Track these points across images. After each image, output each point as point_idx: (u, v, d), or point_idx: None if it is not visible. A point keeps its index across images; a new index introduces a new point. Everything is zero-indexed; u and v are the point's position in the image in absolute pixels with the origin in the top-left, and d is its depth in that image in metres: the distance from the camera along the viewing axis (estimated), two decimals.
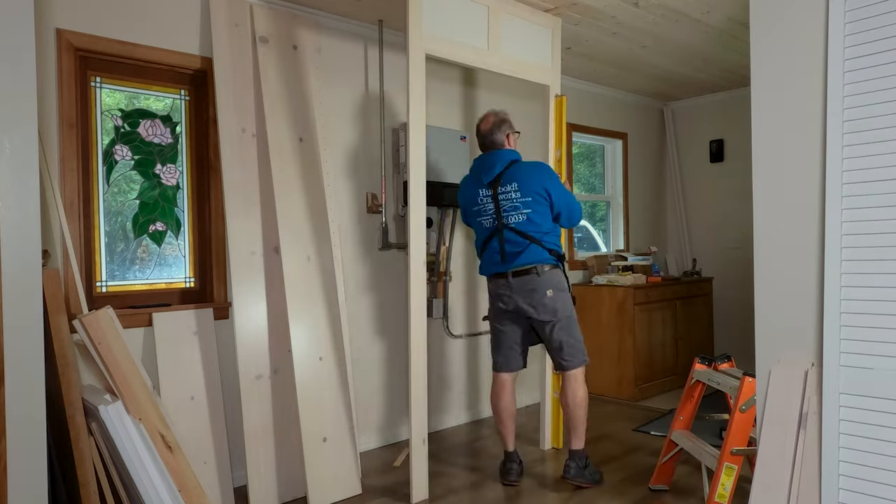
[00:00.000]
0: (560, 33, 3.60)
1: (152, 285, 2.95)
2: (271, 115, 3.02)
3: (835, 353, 1.87)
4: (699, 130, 5.75)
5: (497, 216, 2.98)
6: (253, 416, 2.82)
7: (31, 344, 1.85)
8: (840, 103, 1.89)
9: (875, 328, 1.82)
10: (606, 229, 5.60)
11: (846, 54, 1.89)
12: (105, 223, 2.81)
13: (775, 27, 2.11)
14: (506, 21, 3.32)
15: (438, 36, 2.98)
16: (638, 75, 4.92)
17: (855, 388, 1.84)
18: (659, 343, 4.89)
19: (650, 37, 4.00)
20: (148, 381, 2.36)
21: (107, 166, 2.81)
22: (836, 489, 1.85)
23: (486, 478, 3.17)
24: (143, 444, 2.23)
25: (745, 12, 3.62)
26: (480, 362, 4.28)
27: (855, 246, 1.86)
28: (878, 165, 1.83)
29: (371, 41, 3.65)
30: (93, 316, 2.29)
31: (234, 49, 2.98)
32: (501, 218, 2.97)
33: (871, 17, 1.84)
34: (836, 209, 1.89)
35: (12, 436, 1.82)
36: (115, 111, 2.85)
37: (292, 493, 2.92)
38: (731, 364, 2.86)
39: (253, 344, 2.88)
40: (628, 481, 3.08)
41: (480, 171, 3.03)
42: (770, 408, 2.06)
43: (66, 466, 2.25)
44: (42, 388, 1.87)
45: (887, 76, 1.81)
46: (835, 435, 1.86)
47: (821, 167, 2.01)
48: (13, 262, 1.82)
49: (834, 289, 1.88)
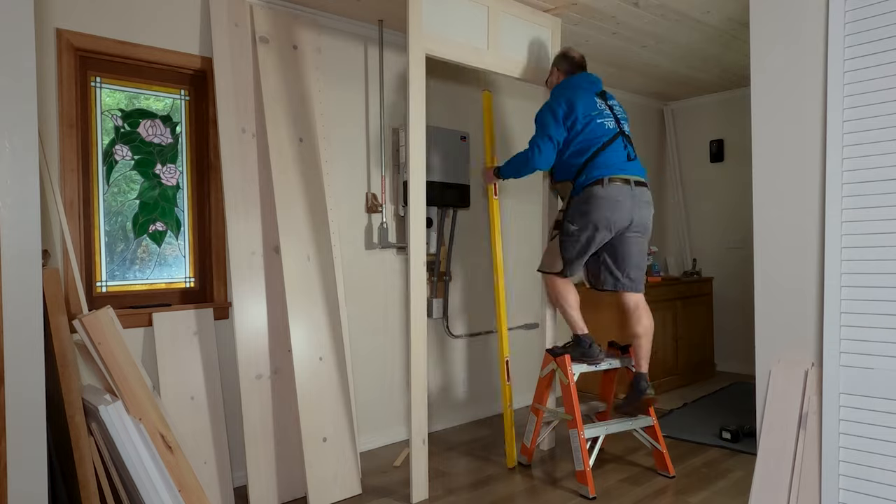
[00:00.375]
0: (560, 33, 3.60)
1: (152, 285, 2.95)
2: (271, 115, 3.02)
3: (835, 353, 1.87)
4: (699, 130, 5.75)
5: (616, 121, 3.11)
6: (253, 416, 2.82)
7: (31, 344, 1.85)
8: (840, 103, 1.89)
9: (875, 328, 1.82)
10: None
11: (846, 54, 1.89)
12: (105, 223, 2.81)
13: (775, 27, 2.11)
14: (505, 21, 3.32)
15: (438, 36, 2.99)
16: (638, 75, 4.92)
17: (855, 388, 1.84)
18: (659, 343, 4.88)
19: (650, 37, 4.00)
20: (148, 381, 2.36)
21: (107, 166, 2.81)
22: (836, 489, 1.85)
23: (487, 478, 3.18)
24: (143, 444, 2.23)
25: (745, 12, 3.62)
26: (480, 362, 4.29)
27: (855, 246, 1.86)
28: (878, 165, 1.83)
29: (371, 41, 3.64)
30: (93, 316, 2.29)
31: (234, 49, 2.98)
32: (620, 123, 3.12)
33: (871, 17, 1.85)
34: (836, 209, 1.89)
35: (12, 436, 1.82)
36: (115, 111, 2.85)
37: (292, 493, 2.92)
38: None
39: (253, 344, 2.88)
40: (628, 482, 3.08)
41: (587, 83, 3.17)
42: (770, 408, 2.06)
43: (66, 466, 2.25)
44: (42, 388, 1.87)
45: (887, 76, 1.81)
46: (835, 435, 1.86)
47: (821, 167, 2.01)
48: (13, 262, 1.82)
49: (834, 289, 1.88)
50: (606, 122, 3.08)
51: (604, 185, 2.96)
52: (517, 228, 4.50)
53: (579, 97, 3.09)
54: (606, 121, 3.08)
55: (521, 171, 3.19)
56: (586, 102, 3.09)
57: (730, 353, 5.54)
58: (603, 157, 3.02)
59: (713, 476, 3.10)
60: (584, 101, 3.09)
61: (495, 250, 3.45)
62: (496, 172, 3.35)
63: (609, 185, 2.96)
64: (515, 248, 4.50)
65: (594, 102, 3.11)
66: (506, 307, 3.50)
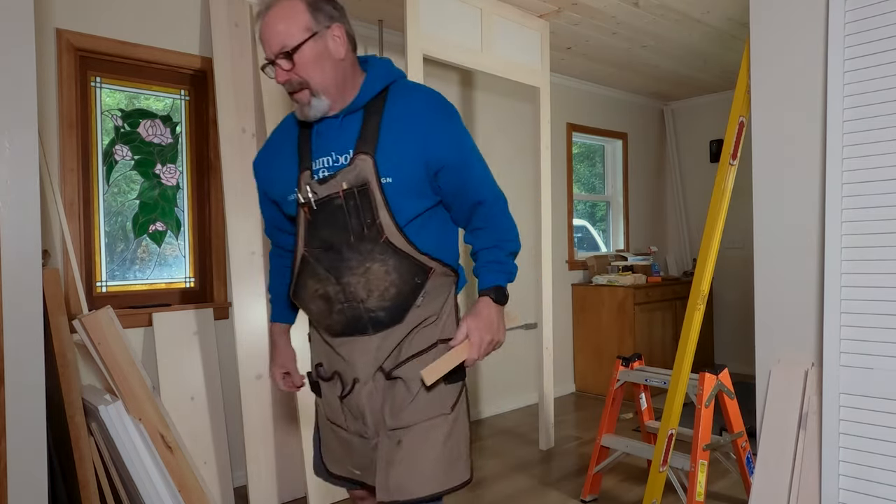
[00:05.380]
0: (549, 37, 3.63)
1: (152, 285, 2.95)
2: (271, 115, 3.02)
3: (835, 353, 1.87)
4: (699, 130, 5.75)
5: None
6: (253, 416, 2.82)
7: (31, 344, 1.85)
8: (840, 103, 1.89)
9: (875, 328, 1.82)
10: (606, 229, 5.60)
11: (846, 54, 1.89)
12: (105, 223, 2.81)
13: (775, 27, 2.11)
14: (498, 24, 3.34)
15: (434, 37, 3.00)
16: (638, 75, 4.92)
17: (855, 388, 1.84)
18: (659, 343, 4.89)
19: (650, 37, 4.00)
20: (148, 381, 2.36)
21: (107, 166, 2.81)
22: (836, 489, 1.85)
23: (487, 477, 3.17)
24: (143, 444, 2.23)
25: (745, 12, 3.62)
26: (480, 362, 4.29)
27: (855, 246, 1.86)
28: (878, 165, 1.83)
29: (371, 41, 3.64)
30: (93, 316, 2.28)
31: (234, 49, 2.98)
32: None
33: (871, 17, 1.84)
34: (836, 209, 1.89)
35: (12, 436, 1.82)
36: (115, 111, 2.85)
37: (292, 493, 2.92)
38: (641, 362, 2.88)
39: (253, 344, 2.88)
40: (628, 482, 3.08)
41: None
42: (770, 408, 2.06)
43: (66, 466, 2.24)
44: (42, 388, 1.87)
45: (887, 76, 1.81)
46: (835, 435, 1.86)
47: (821, 167, 2.01)
48: (13, 262, 1.82)
49: (834, 289, 1.88)
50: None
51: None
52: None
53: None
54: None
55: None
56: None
57: (730, 354, 5.53)
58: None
59: (713, 476, 3.10)
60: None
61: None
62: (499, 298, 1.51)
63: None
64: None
65: None
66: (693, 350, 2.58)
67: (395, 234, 1.39)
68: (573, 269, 4.98)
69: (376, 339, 1.44)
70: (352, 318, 1.43)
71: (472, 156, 1.48)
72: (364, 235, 1.39)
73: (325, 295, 1.45)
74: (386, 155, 1.37)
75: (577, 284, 4.96)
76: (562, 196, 4.89)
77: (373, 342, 1.45)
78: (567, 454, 3.51)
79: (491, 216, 1.49)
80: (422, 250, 1.42)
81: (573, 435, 3.86)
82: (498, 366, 4.37)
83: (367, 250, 1.39)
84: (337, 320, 1.45)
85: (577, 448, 3.61)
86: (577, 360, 4.99)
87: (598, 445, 2.81)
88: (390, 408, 1.47)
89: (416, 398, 1.45)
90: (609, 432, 2.82)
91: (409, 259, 1.41)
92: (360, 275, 1.40)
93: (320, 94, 1.39)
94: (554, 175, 4.64)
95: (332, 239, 1.42)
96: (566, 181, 4.94)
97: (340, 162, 1.41)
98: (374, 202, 1.37)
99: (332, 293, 1.43)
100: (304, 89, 1.39)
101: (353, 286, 1.40)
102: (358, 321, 1.43)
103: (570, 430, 3.96)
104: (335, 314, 1.45)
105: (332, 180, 1.39)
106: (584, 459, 3.40)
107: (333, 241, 1.41)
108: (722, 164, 2.44)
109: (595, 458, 2.82)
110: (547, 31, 3.62)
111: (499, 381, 4.38)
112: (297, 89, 1.39)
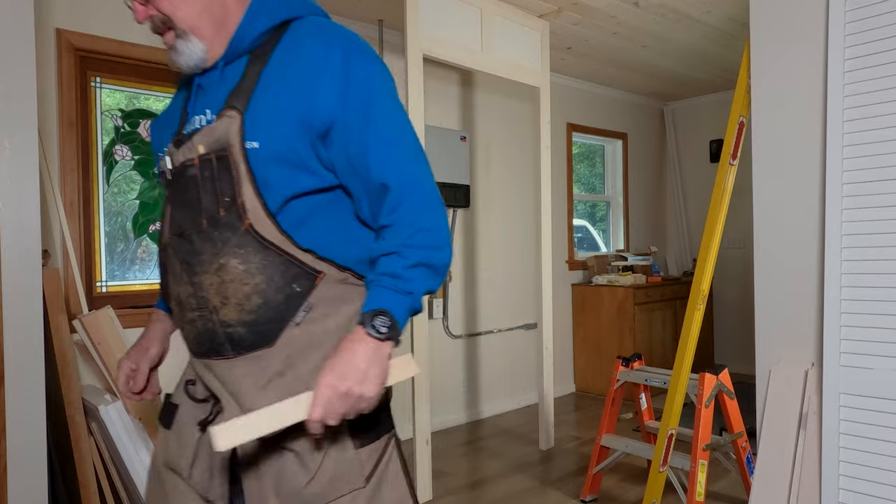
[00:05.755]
0: (549, 37, 3.62)
1: (152, 285, 2.95)
2: None
3: (835, 353, 1.87)
4: (699, 130, 5.74)
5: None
6: None
7: (31, 344, 1.86)
8: (840, 103, 1.89)
9: (875, 328, 1.82)
10: (606, 229, 5.60)
11: (846, 54, 1.89)
12: (105, 223, 2.81)
13: (775, 27, 2.11)
14: (498, 24, 3.34)
15: (434, 37, 2.99)
16: (638, 75, 4.92)
17: (855, 388, 1.84)
18: (659, 343, 4.89)
19: (650, 37, 4.00)
20: None
21: (107, 166, 2.81)
22: (836, 489, 1.85)
23: (487, 478, 3.17)
24: (143, 445, 2.23)
25: (745, 12, 3.62)
26: (480, 362, 4.28)
27: (855, 246, 1.86)
28: (878, 165, 1.83)
29: (371, 41, 3.64)
30: (93, 316, 2.28)
31: None
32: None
33: (871, 17, 1.84)
34: (836, 209, 1.89)
35: (12, 436, 1.82)
36: (115, 111, 2.85)
37: None
38: (641, 362, 2.87)
39: None
40: (628, 482, 3.08)
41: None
42: (770, 408, 2.06)
43: (66, 466, 2.24)
44: (42, 388, 1.87)
45: (887, 76, 1.81)
46: (835, 435, 1.86)
47: (821, 167, 2.01)
48: (13, 262, 1.82)
49: (834, 289, 1.88)
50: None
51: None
52: (515, 226, 4.50)
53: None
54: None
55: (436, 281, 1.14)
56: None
57: (730, 353, 5.53)
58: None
59: (713, 476, 3.10)
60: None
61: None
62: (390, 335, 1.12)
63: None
64: (515, 246, 4.50)
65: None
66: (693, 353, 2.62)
67: (264, 221, 0.99)
68: (573, 269, 4.99)
69: (241, 363, 1.03)
70: (203, 331, 1.04)
71: (381, 117, 1.01)
72: (219, 220, 1.00)
73: (178, 298, 1.08)
74: (257, 112, 1.00)
75: (577, 284, 4.96)
76: (562, 196, 4.89)
77: (237, 368, 1.03)
78: (567, 454, 3.51)
79: (400, 209, 0.99)
80: (303, 246, 1.01)
81: (573, 435, 3.86)
82: (498, 366, 4.37)
83: (223, 240, 1.00)
84: (189, 333, 1.07)
85: (577, 448, 3.61)
86: (577, 360, 4.99)
87: (598, 445, 2.81)
88: (275, 488, 1.01)
89: (316, 477, 1.00)
90: (609, 432, 2.82)
91: (283, 257, 1.00)
92: (212, 273, 1.01)
93: (188, 35, 1.03)
94: (554, 175, 4.64)
95: (184, 223, 1.05)
96: (566, 181, 4.94)
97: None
98: (237, 175, 0.99)
99: (184, 296, 1.06)
100: (169, 29, 1.04)
101: (204, 289, 1.02)
102: (212, 337, 1.03)
103: (570, 430, 3.96)
104: (187, 325, 1.07)
105: (188, 142, 1.04)
106: (584, 459, 3.40)
107: (185, 226, 1.04)
108: (722, 164, 2.44)
109: (595, 458, 2.82)
110: (547, 31, 3.62)
111: (499, 381, 4.38)
112: (162, 29, 1.04)
